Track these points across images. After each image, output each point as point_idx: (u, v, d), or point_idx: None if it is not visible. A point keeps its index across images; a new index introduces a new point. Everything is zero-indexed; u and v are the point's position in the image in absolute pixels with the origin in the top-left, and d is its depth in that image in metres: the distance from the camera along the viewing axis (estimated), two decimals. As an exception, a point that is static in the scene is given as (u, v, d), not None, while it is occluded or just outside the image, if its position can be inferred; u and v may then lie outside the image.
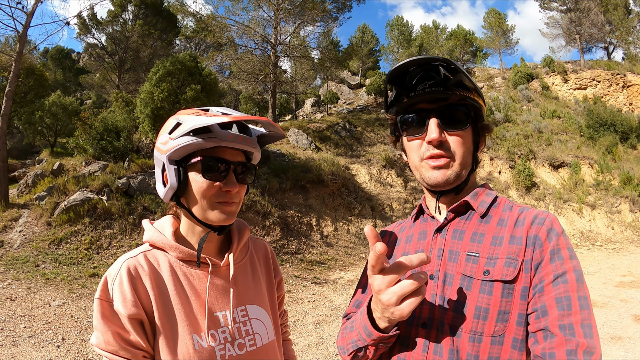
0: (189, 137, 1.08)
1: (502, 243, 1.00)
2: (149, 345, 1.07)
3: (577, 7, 30.39)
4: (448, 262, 1.04)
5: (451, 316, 0.97)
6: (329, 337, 5.93)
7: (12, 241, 8.59)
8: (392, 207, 14.59)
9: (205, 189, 1.12)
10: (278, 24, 18.95)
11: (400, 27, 37.56)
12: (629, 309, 7.11)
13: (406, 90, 1.08)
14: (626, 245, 13.69)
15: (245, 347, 1.17)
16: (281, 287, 1.48)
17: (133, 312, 1.04)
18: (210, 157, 1.11)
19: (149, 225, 1.24)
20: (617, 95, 26.84)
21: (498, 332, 0.92)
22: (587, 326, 0.85)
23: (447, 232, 1.09)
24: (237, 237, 1.30)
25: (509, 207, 1.10)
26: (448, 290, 1.00)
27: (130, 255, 1.13)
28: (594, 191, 16.76)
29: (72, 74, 33.91)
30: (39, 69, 16.59)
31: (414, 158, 1.11)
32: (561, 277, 0.91)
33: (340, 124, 20.21)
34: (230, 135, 1.10)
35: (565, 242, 0.96)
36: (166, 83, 12.51)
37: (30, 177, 11.64)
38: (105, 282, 1.09)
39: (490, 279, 0.96)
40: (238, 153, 1.17)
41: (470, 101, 1.07)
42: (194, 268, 1.18)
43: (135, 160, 12.11)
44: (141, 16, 23.17)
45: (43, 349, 5.17)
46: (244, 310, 1.22)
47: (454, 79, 1.04)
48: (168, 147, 1.11)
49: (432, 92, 1.03)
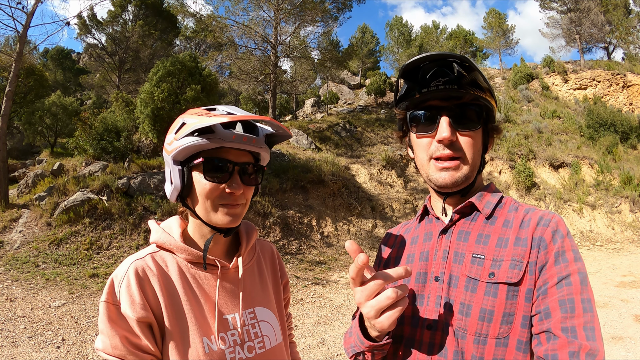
0: (192, 138, 1.07)
1: (507, 245, 0.99)
2: (158, 349, 1.06)
3: (577, 7, 30.39)
4: (453, 264, 1.03)
5: (456, 318, 0.97)
6: (330, 338, 5.92)
7: (12, 241, 8.58)
8: (393, 208, 14.58)
9: (208, 190, 1.10)
10: (278, 24, 18.94)
11: (400, 27, 37.58)
12: (630, 309, 7.11)
13: (418, 85, 1.04)
14: (626, 245, 13.69)
15: (255, 350, 1.16)
16: (287, 289, 1.47)
17: (142, 315, 1.02)
18: (212, 158, 1.09)
19: (155, 226, 1.22)
20: (617, 95, 26.84)
21: (503, 334, 0.92)
22: (590, 329, 0.84)
23: (453, 234, 1.08)
24: (246, 239, 1.29)
25: (515, 207, 1.08)
26: (453, 292, 1.00)
27: (137, 257, 1.11)
28: (594, 191, 16.75)
29: (72, 74, 33.91)
30: (39, 69, 16.58)
31: (422, 156, 1.09)
32: (565, 280, 0.90)
33: (341, 124, 20.21)
34: (234, 135, 1.08)
35: (570, 244, 0.95)
36: (166, 83, 12.52)
37: (30, 177, 11.64)
38: (112, 285, 1.06)
39: (495, 281, 0.95)
40: (244, 153, 1.15)
41: (483, 101, 1.05)
42: (203, 270, 1.17)
43: (136, 161, 12.10)
44: (141, 16, 23.16)
45: (43, 350, 5.16)
46: (253, 312, 1.21)
47: (468, 77, 1.01)
48: (172, 148, 1.10)
49: (445, 89, 1.00)
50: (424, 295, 1.05)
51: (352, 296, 8.23)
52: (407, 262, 1.14)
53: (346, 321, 6.66)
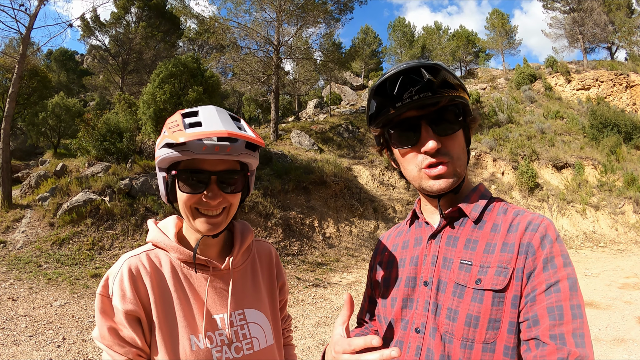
0: (165, 150, 1.08)
1: (494, 251, 0.99)
2: (145, 343, 1.08)
3: (580, 7, 30.29)
4: (442, 269, 1.03)
5: (443, 323, 0.98)
6: (330, 339, 5.89)
7: (15, 241, 8.61)
8: (395, 209, 14.56)
9: (185, 199, 1.10)
10: (280, 25, 18.97)
11: (402, 28, 37.59)
12: (633, 311, 7.06)
13: (390, 100, 1.00)
14: (630, 246, 13.61)
15: (242, 351, 1.17)
16: (284, 291, 1.46)
17: (130, 308, 1.06)
18: (184, 170, 1.09)
19: (153, 225, 1.25)
20: (621, 96, 26.73)
21: (489, 339, 0.93)
22: (579, 335, 0.84)
23: (441, 239, 1.08)
24: (240, 241, 1.30)
25: (504, 210, 1.07)
26: (441, 297, 1.01)
27: (132, 254, 1.15)
28: (597, 192, 16.68)
29: (75, 76, 34.00)
30: (42, 70, 16.67)
31: (411, 168, 1.06)
32: (554, 286, 0.90)
33: (343, 125, 20.22)
34: (204, 146, 1.04)
35: (559, 249, 0.94)
36: (169, 85, 12.56)
37: (33, 178, 11.68)
38: (107, 279, 1.10)
39: (481, 287, 0.95)
40: (222, 161, 1.11)
41: (459, 99, 1.03)
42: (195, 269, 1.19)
43: (138, 162, 12.13)
44: (144, 18, 23.25)
45: (44, 349, 5.18)
46: (242, 314, 1.22)
47: (438, 80, 0.98)
48: (157, 156, 1.13)
49: (420, 98, 0.97)
50: (413, 299, 1.06)
51: (353, 298, 8.21)
52: (400, 267, 1.16)
53: (347, 322, 6.64)
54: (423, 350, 0.98)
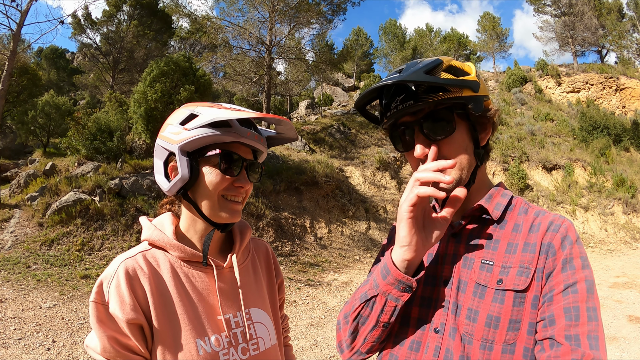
0: (207, 129, 1.06)
1: (516, 251, 0.98)
2: (147, 350, 1.03)
3: (571, 11, 30.65)
4: (462, 269, 1.02)
5: (463, 323, 0.96)
6: (323, 340, 5.89)
7: (3, 242, 8.49)
8: (386, 209, 14.59)
9: (218, 182, 1.09)
10: (273, 25, 18.91)
11: (393, 30, 37.70)
12: (624, 309, 7.15)
13: (383, 109, 1.06)
14: (619, 246, 13.79)
15: (249, 352, 1.14)
16: (282, 289, 1.44)
17: (132, 316, 0.99)
18: (228, 152, 1.10)
19: (147, 222, 1.18)
20: (610, 98, 27.08)
21: (509, 340, 0.91)
22: (593, 338, 0.84)
23: (462, 238, 1.06)
24: (240, 238, 1.26)
25: (525, 210, 1.07)
26: (461, 297, 0.99)
27: (127, 256, 1.07)
28: (587, 193, 16.87)
29: (66, 74, 33.65)
30: (32, 68, 16.43)
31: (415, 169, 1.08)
32: (571, 287, 0.89)
33: (335, 126, 20.22)
34: (249, 132, 1.10)
35: (578, 251, 0.94)
36: (160, 83, 12.47)
37: (22, 177, 11.54)
38: (101, 284, 1.03)
39: (502, 288, 0.94)
40: (248, 151, 1.16)
41: (453, 100, 0.98)
42: (196, 269, 1.13)
43: (128, 161, 12.02)
44: (136, 16, 23.10)
45: (33, 352, 5.10)
46: (248, 313, 1.19)
47: (425, 84, 0.96)
48: (181, 138, 1.08)
49: (404, 108, 0.99)
50: (432, 299, 1.04)
51: (345, 298, 8.23)
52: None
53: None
54: (442, 351, 0.96)
